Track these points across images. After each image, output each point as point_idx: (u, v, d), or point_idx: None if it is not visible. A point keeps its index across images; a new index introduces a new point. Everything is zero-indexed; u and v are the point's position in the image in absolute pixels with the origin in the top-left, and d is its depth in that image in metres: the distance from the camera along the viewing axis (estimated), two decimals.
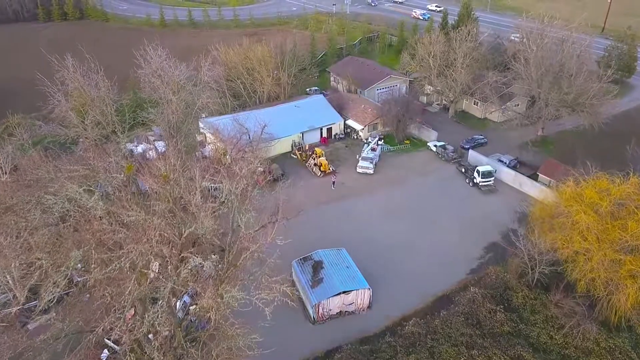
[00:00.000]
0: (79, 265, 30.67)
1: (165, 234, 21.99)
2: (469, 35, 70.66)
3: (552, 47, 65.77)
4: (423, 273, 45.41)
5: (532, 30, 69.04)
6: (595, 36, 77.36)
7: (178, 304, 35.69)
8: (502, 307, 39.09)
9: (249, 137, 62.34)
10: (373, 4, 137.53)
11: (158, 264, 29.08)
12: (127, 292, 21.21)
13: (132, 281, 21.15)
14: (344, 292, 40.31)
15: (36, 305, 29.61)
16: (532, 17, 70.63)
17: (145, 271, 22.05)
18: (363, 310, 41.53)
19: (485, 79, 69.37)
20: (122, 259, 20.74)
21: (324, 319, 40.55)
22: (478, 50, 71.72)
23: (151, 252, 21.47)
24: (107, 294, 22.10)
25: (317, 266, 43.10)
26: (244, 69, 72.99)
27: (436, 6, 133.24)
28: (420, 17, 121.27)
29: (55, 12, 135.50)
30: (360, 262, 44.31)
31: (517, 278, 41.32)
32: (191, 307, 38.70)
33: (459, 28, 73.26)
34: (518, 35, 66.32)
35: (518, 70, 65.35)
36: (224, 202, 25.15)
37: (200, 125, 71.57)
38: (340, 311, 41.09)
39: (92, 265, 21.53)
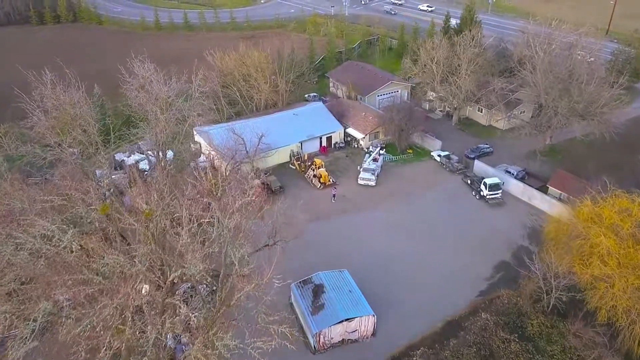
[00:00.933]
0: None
1: (142, 292, 19.37)
2: (473, 40, 68.19)
3: (561, 53, 63.40)
4: (429, 295, 42.85)
5: (538, 34, 66.70)
6: (603, 40, 75.03)
7: (168, 334, 33.16)
8: (516, 335, 36.51)
9: (246, 148, 59.82)
10: (392, 13, 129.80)
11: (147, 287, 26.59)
12: (103, 349, 18.66)
13: (107, 339, 18.61)
14: (346, 320, 37.71)
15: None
16: (539, 21, 68.18)
17: (122, 327, 19.46)
18: (367, 337, 38.94)
19: (491, 86, 66.92)
20: (95, 316, 18.19)
21: (325, 348, 37.95)
22: (483, 55, 69.16)
23: (127, 309, 18.93)
24: (80, 350, 19.54)
25: (318, 290, 40.49)
26: (240, 76, 70.29)
27: (428, 6, 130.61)
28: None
29: (48, 15, 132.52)
30: (363, 284, 41.78)
31: (531, 303, 38.74)
32: (183, 339, 36.19)
33: (463, 33, 70.63)
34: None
35: (525, 77, 62.86)
36: (213, 240, 22.48)
37: (195, 134, 69.03)
38: (343, 339, 38.48)
39: (62, 319, 19.03)
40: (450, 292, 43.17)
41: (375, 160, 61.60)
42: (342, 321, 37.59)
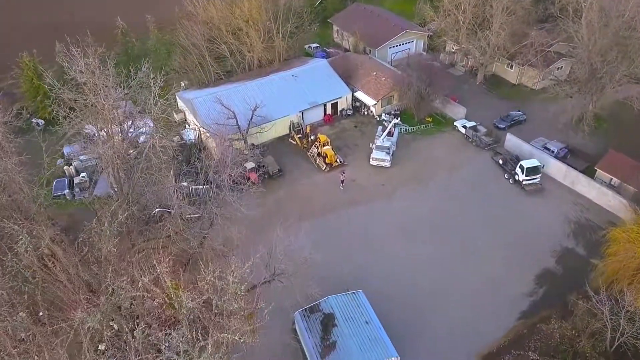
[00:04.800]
0: None
1: None
2: None
3: None
4: (461, 319, 35.72)
5: None
6: None
7: None
8: None
9: (237, 122, 50.49)
10: None
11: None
12: None
13: None
14: None
15: None
16: None
17: None
18: None
19: (529, 40, 56.08)
20: None
21: None
22: (520, 3, 57.41)
23: None
24: None
25: (328, 322, 33.30)
26: (228, 30, 59.04)
27: None
28: None
29: None
30: (379, 305, 34.53)
31: (591, 343, 31.41)
32: None
33: None
34: None
35: (572, 32, 51.85)
36: None
37: (179, 101, 59.29)
38: None
39: None
40: (485, 314, 36.05)
41: (390, 134, 52.38)
42: None
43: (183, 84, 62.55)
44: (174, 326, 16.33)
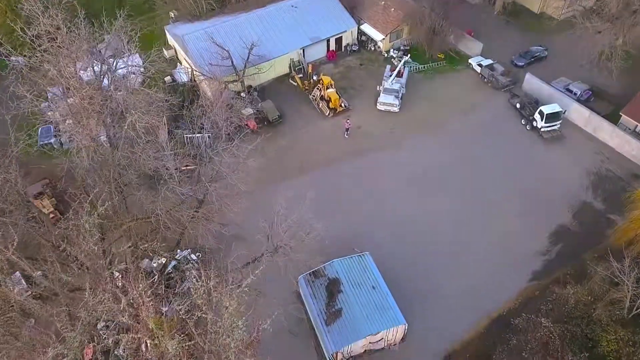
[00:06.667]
0: None
1: None
2: None
3: None
4: (470, 279, 34.37)
5: None
6: None
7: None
8: (586, 354, 28.83)
9: (232, 63, 46.20)
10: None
11: None
12: None
13: None
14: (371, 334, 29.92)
15: None
16: None
17: None
18: (394, 345, 31.60)
19: None
20: None
21: None
22: None
23: None
24: None
25: (333, 288, 31.94)
26: None
27: None
28: None
29: None
30: (385, 265, 33.09)
31: (606, 306, 30.14)
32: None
33: None
34: None
35: None
36: None
37: (168, 36, 54.39)
38: (365, 350, 31.14)
39: None
40: (495, 274, 34.66)
41: (399, 75, 48.17)
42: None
43: (172, 15, 57.23)
44: None
